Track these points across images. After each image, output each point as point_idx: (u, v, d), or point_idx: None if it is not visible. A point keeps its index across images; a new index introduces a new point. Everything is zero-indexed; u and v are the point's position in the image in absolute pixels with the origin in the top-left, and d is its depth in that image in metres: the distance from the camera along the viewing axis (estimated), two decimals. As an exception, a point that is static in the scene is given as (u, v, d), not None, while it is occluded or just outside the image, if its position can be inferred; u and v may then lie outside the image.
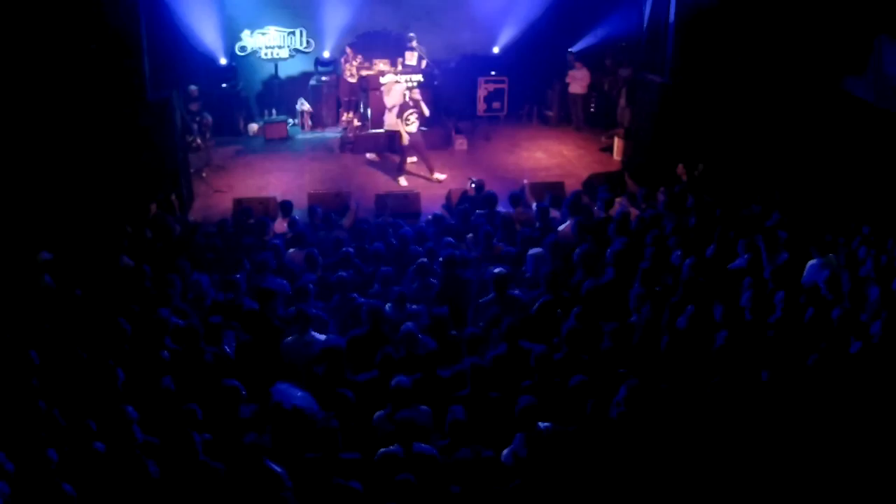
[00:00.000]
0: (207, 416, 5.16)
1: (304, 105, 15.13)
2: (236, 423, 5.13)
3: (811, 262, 7.16)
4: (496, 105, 15.44)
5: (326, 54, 15.18)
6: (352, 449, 4.91)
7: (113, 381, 5.39)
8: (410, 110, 11.74)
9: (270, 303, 6.60)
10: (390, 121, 12.71)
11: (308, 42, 15.17)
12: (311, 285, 7.06)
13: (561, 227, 8.80)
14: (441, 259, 7.51)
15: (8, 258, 7.68)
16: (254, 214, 9.52)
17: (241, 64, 15.08)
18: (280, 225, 9.54)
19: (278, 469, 4.61)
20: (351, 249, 7.95)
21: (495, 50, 15.67)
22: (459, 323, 6.87)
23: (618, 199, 9.79)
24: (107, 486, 4.53)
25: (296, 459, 4.83)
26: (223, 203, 11.65)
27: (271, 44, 15.05)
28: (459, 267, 7.43)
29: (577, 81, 15.21)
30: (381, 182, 12.57)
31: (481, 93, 15.47)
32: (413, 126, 11.73)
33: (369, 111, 14.25)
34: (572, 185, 11.64)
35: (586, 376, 5.31)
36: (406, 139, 11.95)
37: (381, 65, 14.46)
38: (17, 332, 6.01)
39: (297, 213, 9.73)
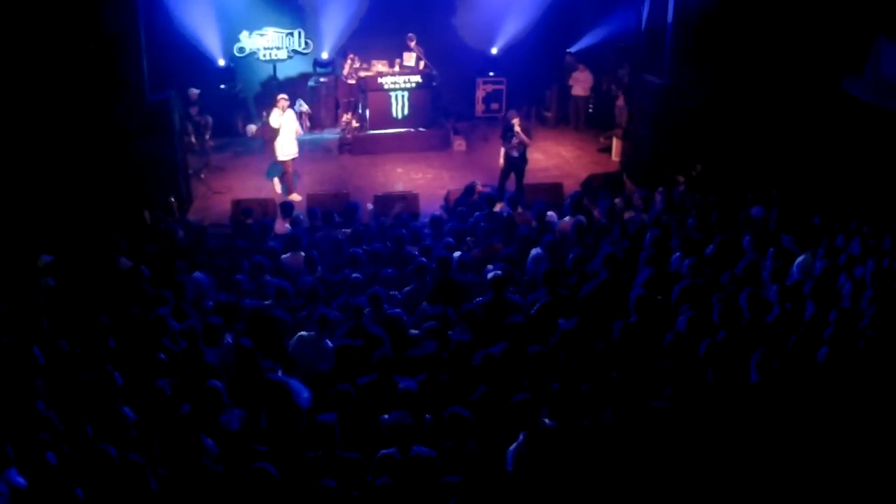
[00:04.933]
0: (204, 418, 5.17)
1: (302, 106, 15.11)
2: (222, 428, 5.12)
3: (797, 260, 7.21)
4: (494, 106, 15.50)
5: (325, 55, 15.19)
6: (353, 449, 4.91)
7: (111, 384, 5.38)
8: (509, 134, 11.31)
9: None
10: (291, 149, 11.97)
11: (306, 43, 15.19)
12: (320, 287, 7.07)
13: (560, 225, 8.81)
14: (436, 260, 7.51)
15: (8, 260, 7.67)
16: (253, 216, 9.51)
17: (239, 65, 15.10)
18: (281, 226, 9.53)
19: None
20: (359, 250, 7.94)
21: (494, 51, 15.69)
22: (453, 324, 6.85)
23: (616, 200, 9.80)
24: (106, 488, 4.52)
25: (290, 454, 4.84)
26: (222, 204, 11.65)
27: (270, 45, 15.07)
28: (456, 269, 7.43)
29: (580, 83, 15.25)
30: (379, 183, 12.58)
31: (480, 94, 15.53)
32: (514, 151, 11.25)
33: (367, 112, 14.27)
34: (571, 185, 11.65)
35: (582, 377, 5.31)
36: (503, 164, 11.40)
37: (380, 66, 14.47)
38: (19, 332, 5.99)
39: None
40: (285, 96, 12.14)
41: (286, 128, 11.79)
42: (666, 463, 4.54)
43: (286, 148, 11.87)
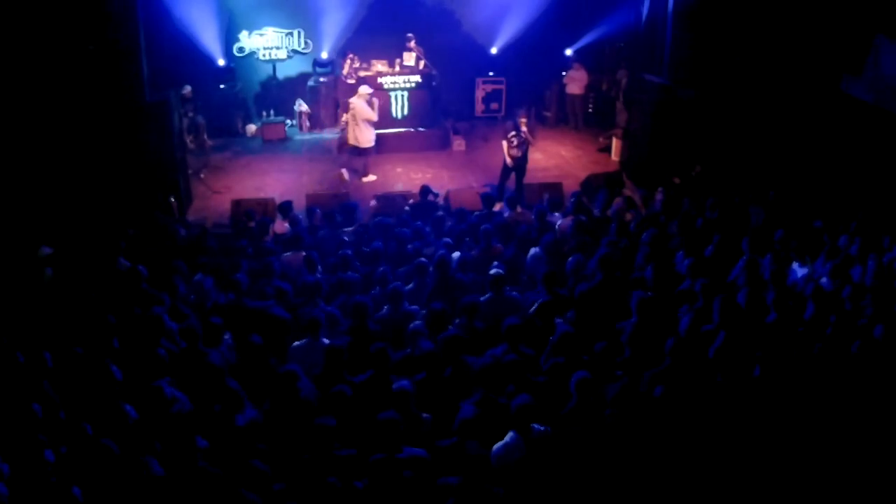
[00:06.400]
0: (205, 419, 5.17)
1: (302, 106, 15.14)
2: (233, 427, 5.12)
3: (799, 274, 7.22)
4: (494, 106, 15.50)
5: (324, 55, 15.20)
6: (349, 448, 4.91)
7: (111, 382, 5.38)
8: (513, 133, 11.30)
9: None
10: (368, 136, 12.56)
11: (306, 43, 15.21)
12: (323, 287, 7.06)
13: (559, 223, 8.81)
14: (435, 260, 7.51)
15: (8, 260, 7.67)
16: (255, 217, 9.51)
17: (239, 65, 15.11)
18: (280, 226, 9.52)
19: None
20: (350, 252, 7.95)
21: (493, 51, 15.69)
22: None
23: (616, 200, 9.80)
24: (106, 487, 4.52)
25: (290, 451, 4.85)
26: (221, 204, 11.64)
27: (269, 45, 15.09)
28: (456, 269, 7.44)
29: (575, 82, 15.25)
30: (379, 183, 12.57)
31: (479, 94, 15.53)
32: (515, 151, 11.21)
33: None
34: (570, 185, 11.65)
35: (582, 377, 5.31)
36: (510, 162, 11.34)
37: (379, 65, 14.47)
38: (20, 331, 5.99)
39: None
40: (369, 87, 12.78)
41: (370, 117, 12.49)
42: (665, 463, 4.54)
43: (370, 134, 12.54)
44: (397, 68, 14.37)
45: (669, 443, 4.66)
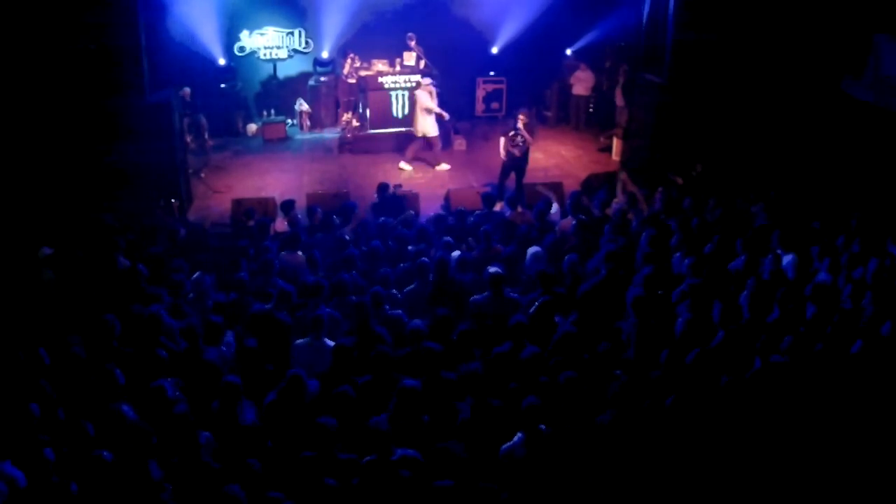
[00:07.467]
0: (205, 417, 5.18)
1: (302, 105, 15.15)
2: (235, 424, 5.13)
3: (787, 259, 7.21)
4: (495, 105, 15.49)
5: (325, 54, 15.20)
6: (349, 450, 4.91)
7: (111, 382, 5.39)
8: (513, 132, 11.35)
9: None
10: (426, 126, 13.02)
11: (307, 42, 15.21)
12: (326, 287, 7.08)
13: (560, 224, 8.81)
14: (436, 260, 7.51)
15: (8, 260, 7.67)
16: (254, 215, 9.50)
17: (239, 64, 15.10)
18: (281, 224, 9.52)
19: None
20: (355, 251, 7.94)
21: (494, 50, 15.68)
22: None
23: (616, 200, 9.81)
24: (106, 486, 4.52)
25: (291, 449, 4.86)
26: (221, 204, 11.64)
27: (270, 44, 15.09)
28: (455, 269, 7.44)
29: (581, 83, 15.25)
30: (379, 182, 12.55)
31: (480, 93, 15.51)
32: (516, 149, 11.29)
33: (368, 112, 14.26)
34: (571, 185, 11.64)
35: (582, 377, 5.31)
36: (503, 155, 11.44)
37: (380, 65, 14.48)
38: (20, 330, 6.00)
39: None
40: (431, 78, 13.53)
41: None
42: (665, 464, 4.54)
43: (428, 123, 13.09)
44: (398, 68, 14.37)
45: (668, 442, 4.67)
